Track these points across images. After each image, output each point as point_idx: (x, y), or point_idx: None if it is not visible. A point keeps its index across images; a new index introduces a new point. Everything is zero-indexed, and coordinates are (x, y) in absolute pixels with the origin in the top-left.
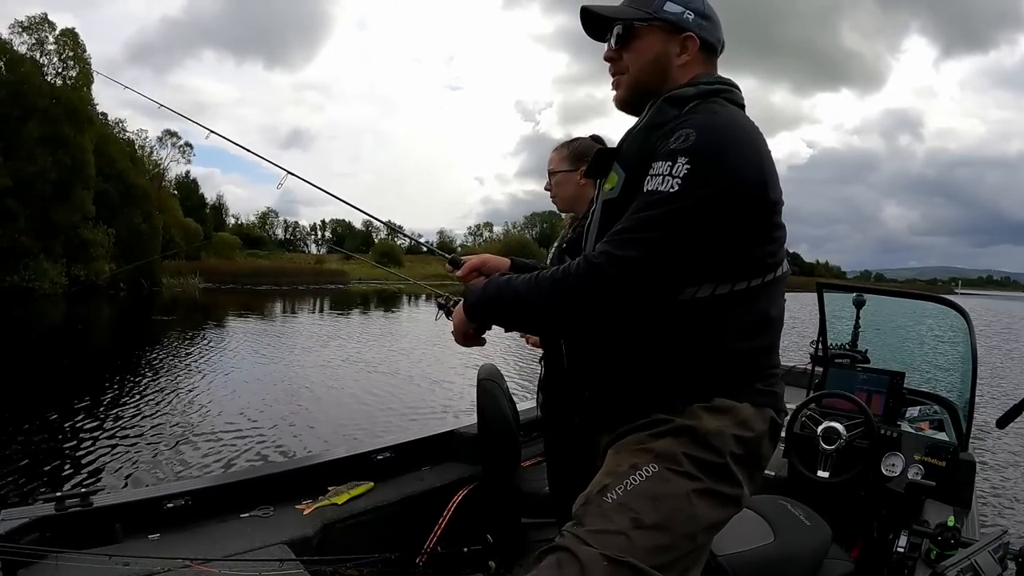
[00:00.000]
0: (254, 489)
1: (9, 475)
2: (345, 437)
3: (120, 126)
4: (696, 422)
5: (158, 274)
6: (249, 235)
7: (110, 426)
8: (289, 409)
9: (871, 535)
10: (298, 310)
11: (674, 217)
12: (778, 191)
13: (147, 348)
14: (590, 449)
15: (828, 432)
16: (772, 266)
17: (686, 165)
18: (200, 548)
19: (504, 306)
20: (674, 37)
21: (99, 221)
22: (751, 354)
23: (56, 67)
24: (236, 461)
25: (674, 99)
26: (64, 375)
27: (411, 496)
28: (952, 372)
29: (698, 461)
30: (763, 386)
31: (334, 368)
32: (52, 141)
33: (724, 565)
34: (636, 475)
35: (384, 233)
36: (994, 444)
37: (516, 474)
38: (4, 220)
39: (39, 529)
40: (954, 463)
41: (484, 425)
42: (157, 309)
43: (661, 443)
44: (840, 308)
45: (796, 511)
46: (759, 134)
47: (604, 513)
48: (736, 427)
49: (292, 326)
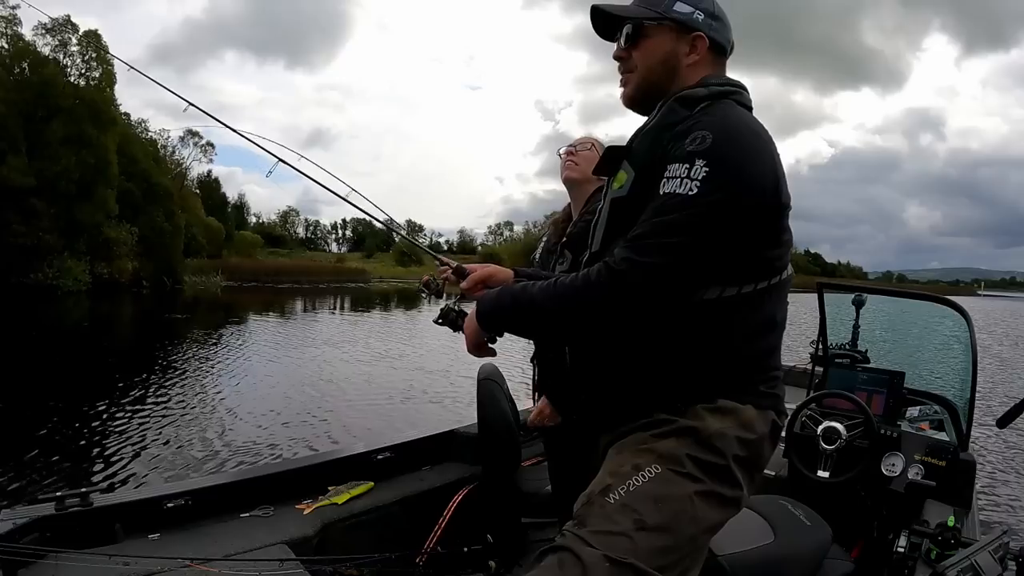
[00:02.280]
0: (254, 489)
1: (12, 474)
2: (365, 433)
3: (143, 126)
4: (699, 423)
5: (180, 272)
6: (270, 234)
7: (118, 424)
8: (304, 407)
9: (871, 535)
10: (319, 308)
11: (695, 220)
12: (788, 195)
13: (162, 346)
14: (590, 448)
15: (828, 432)
16: (779, 269)
17: (704, 168)
18: (200, 548)
19: (520, 315)
20: (683, 37)
21: (122, 219)
22: (755, 356)
23: (79, 68)
24: (246, 459)
25: (685, 99)
26: (79, 372)
27: (411, 496)
28: (952, 372)
29: (701, 463)
30: (766, 388)
31: (354, 365)
32: (76, 141)
33: (724, 565)
34: (639, 476)
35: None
36: (994, 444)
37: (516, 474)
38: (29, 218)
39: (39, 529)
40: (954, 463)
41: (484, 425)
42: (178, 307)
43: (664, 444)
44: (840, 308)
45: (796, 511)
46: (770, 137)
47: (607, 514)
48: (739, 429)
49: (312, 324)
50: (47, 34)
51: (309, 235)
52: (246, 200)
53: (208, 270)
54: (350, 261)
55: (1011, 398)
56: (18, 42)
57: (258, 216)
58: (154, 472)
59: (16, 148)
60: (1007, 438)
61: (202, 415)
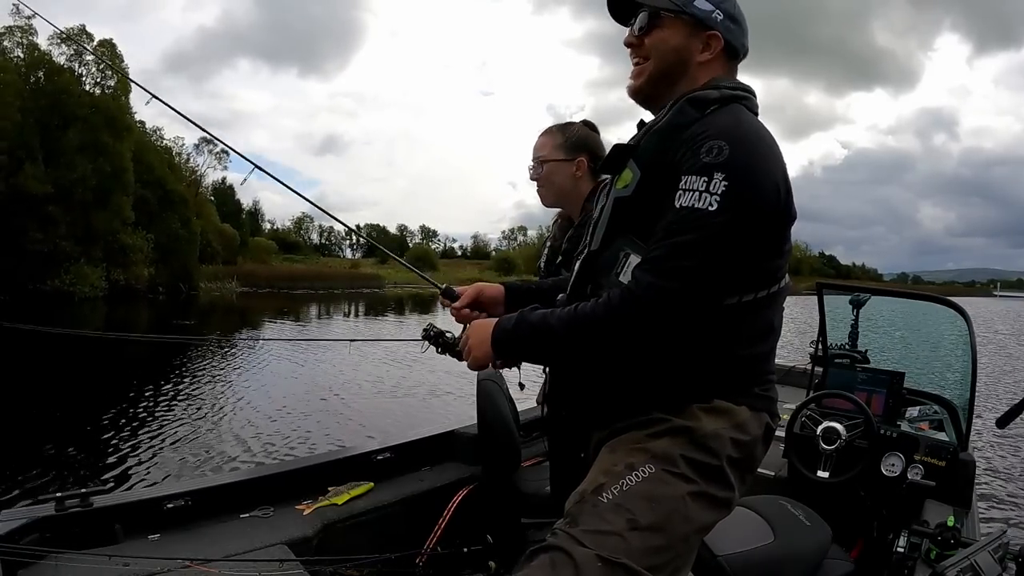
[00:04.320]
0: (254, 489)
1: (12, 475)
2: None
3: (157, 134)
4: (694, 423)
5: (196, 278)
6: (285, 240)
7: (118, 425)
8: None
9: (871, 535)
10: (334, 313)
11: (717, 238)
12: (794, 204)
13: (171, 351)
14: (583, 444)
15: (828, 432)
16: (778, 279)
17: (723, 182)
18: (200, 548)
19: (540, 345)
20: (699, 33)
21: (138, 226)
22: (752, 360)
23: (95, 76)
24: (246, 460)
25: (696, 101)
26: (86, 376)
27: (411, 496)
28: (952, 372)
29: (694, 463)
30: (760, 391)
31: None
32: (92, 149)
33: (724, 565)
34: (632, 475)
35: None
36: (994, 444)
37: (516, 474)
38: (46, 226)
39: (39, 529)
40: (954, 463)
41: (484, 425)
42: (190, 313)
43: (658, 443)
44: (840, 308)
45: (796, 511)
46: (777, 144)
47: (600, 513)
48: (733, 430)
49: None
50: (62, 43)
51: (323, 241)
52: (260, 207)
53: (223, 276)
54: (364, 267)
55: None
56: (34, 51)
57: (272, 222)
58: (154, 472)
59: (33, 156)
60: (1007, 438)
61: (201, 415)
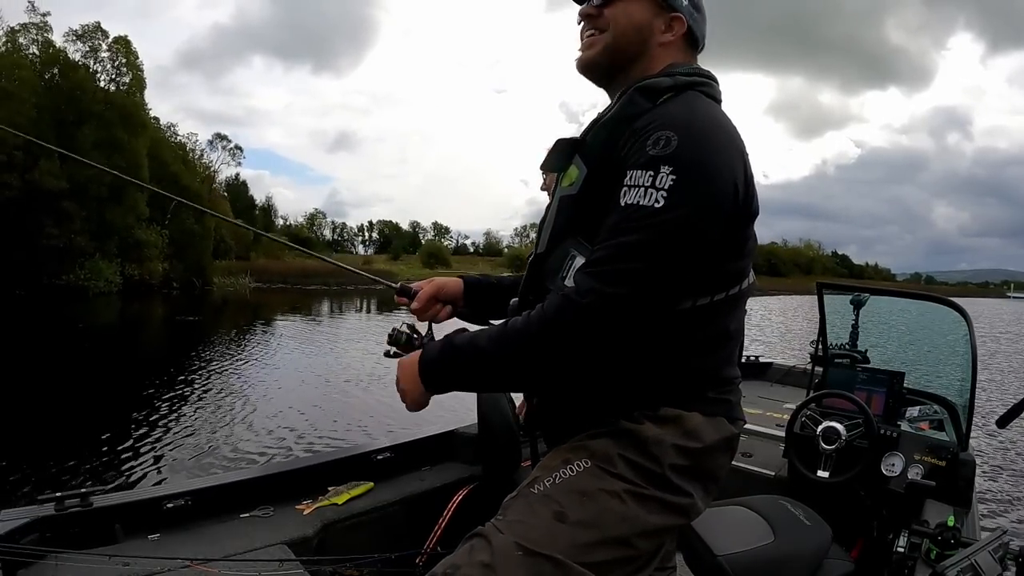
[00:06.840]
0: (254, 489)
1: (12, 475)
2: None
3: (172, 130)
4: (636, 427)
5: (210, 274)
6: (298, 236)
7: (118, 426)
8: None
9: (871, 535)
10: (346, 309)
11: (663, 238)
12: (757, 200)
13: (181, 348)
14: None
15: (828, 432)
16: (739, 280)
17: (671, 176)
18: (200, 548)
19: (468, 370)
20: (663, 13)
21: (152, 222)
22: (706, 369)
23: (110, 73)
24: (247, 460)
25: (647, 89)
26: (96, 372)
27: (411, 496)
28: (952, 372)
29: (634, 464)
30: (716, 394)
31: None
32: (107, 145)
33: (724, 565)
34: (566, 469)
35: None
36: (994, 444)
37: (516, 474)
38: (61, 221)
39: (39, 529)
40: (954, 463)
41: (484, 425)
42: (203, 308)
43: (597, 442)
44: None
45: (796, 511)
46: (738, 134)
47: (528, 504)
48: (680, 437)
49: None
50: (77, 40)
51: (336, 237)
52: (273, 203)
53: (237, 272)
54: (377, 263)
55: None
56: (49, 48)
57: (285, 218)
58: (155, 472)
59: (48, 152)
60: (1007, 438)
61: (203, 416)
